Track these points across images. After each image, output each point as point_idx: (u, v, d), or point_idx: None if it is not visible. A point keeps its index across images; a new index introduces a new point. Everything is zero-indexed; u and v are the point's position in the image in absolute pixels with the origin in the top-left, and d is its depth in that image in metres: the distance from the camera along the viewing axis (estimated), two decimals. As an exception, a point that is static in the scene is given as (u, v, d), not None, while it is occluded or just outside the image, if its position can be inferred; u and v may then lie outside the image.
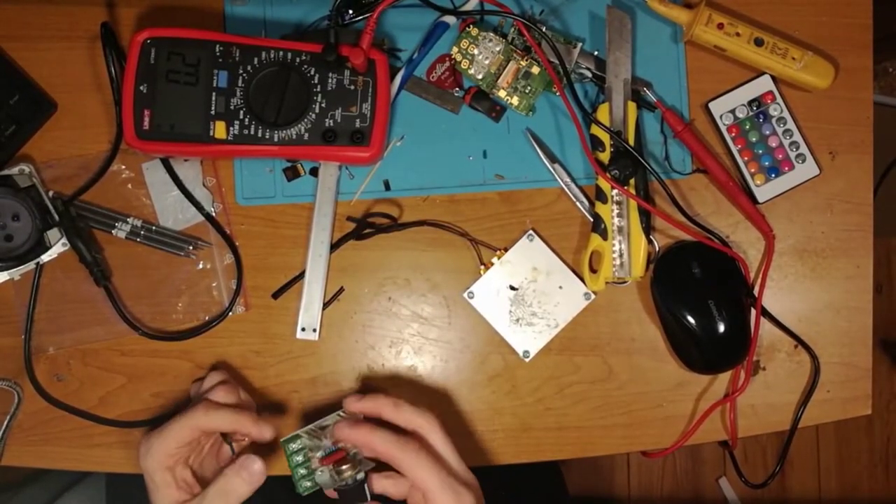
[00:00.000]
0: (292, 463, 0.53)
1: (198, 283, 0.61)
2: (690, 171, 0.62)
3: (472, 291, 0.61)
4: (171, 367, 0.61)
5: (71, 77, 0.61)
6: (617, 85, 0.59)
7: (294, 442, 0.53)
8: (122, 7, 0.61)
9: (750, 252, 0.62)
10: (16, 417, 0.60)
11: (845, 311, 0.62)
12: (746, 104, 0.61)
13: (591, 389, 0.61)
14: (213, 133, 0.55)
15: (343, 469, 0.51)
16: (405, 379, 0.61)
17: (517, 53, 0.60)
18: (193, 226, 0.61)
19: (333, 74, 0.56)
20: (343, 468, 0.51)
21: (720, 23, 0.58)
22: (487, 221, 0.61)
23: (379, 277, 0.61)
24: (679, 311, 0.59)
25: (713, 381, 0.62)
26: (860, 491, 1.49)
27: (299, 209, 0.61)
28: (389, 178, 0.61)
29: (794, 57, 0.59)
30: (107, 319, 0.60)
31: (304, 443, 0.53)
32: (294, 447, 0.53)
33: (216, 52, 0.55)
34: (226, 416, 0.53)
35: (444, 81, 0.61)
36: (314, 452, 0.53)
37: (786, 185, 0.61)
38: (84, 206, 0.60)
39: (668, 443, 0.62)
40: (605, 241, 0.59)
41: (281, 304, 0.61)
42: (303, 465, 0.53)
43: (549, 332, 0.60)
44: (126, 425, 0.60)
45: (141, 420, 0.60)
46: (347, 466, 0.51)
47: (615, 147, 0.58)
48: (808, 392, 0.62)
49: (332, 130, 0.56)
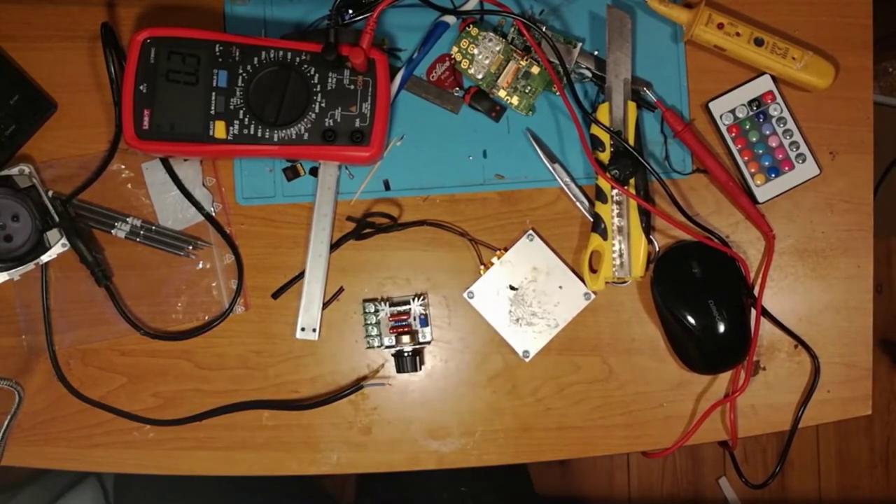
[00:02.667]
0: (366, 320, 0.60)
1: (198, 283, 0.61)
2: (690, 171, 0.62)
3: (472, 291, 0.61)
4: (171, 366, 0.61)
5: (71, 77, 0.61)
6: (617, 85, 0.59)
7: (372, 304, 0.60)
8: (122, 7, 0.61)
9: (750, 252, 0.62)
10: (16, 417, 0.60)
11: (845, 311, 0.62)
12: (746, 104, 0.61)
13: (591, 389, 0.61)
14: (213, 133, 0.55)
15: (403, 339, 0.59)
16: (405, 379, 0.61)
17: (517, 53, 0.60)
18: (193, 226, 0.61)
19: (333, 74, 0.56)
20: (404, 338, 0.60)
21: (720, 23, 0.58)
22: (487, 221, 0.61)
23: (379, 277, 0.61)
24: (679, 311, 0.59)
25: (713, 381, 0.62)
26: (860, 491, 1.49)
27: (299, 209, 0.61)
28: (389, 178, 0.61)
29: (794, 57, 0.59)
30: (107, 319, 0.60)
31: (378, 307, 0.60)
32: (371, 308, 0.60)
33: (216, 52, 0.55)
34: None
35: (444, 81, 0.61)
36: (384, 321, 0.60)
37: (786, 185, 0.61)
38: (83, 205, 0.60)
39: (668, 443, 0.62)
40: (605, 241, 0.59)
41: (281, 304, 0.61)
42: (374, 325, 0.60)
43: (549, 332, 0.60)
44: (168, 423, 0.60)
45: (181, 418, 0.60)
46: (408, 338, 0.59)
47: (615, 147, 0.58)
48: (809, 392, 0.62)
49: (332, 130, 0.56)
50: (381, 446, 0.61)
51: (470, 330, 0.61)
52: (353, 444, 0.61)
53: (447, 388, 0.61)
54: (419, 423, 0.61)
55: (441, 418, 0.61)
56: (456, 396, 0.61)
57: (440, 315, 0.61)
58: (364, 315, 0.60)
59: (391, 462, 0.61)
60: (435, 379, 0.61)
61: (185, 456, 0.61)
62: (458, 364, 0.61)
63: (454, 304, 0.61)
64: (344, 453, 0.61)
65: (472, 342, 0.61)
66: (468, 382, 0.61)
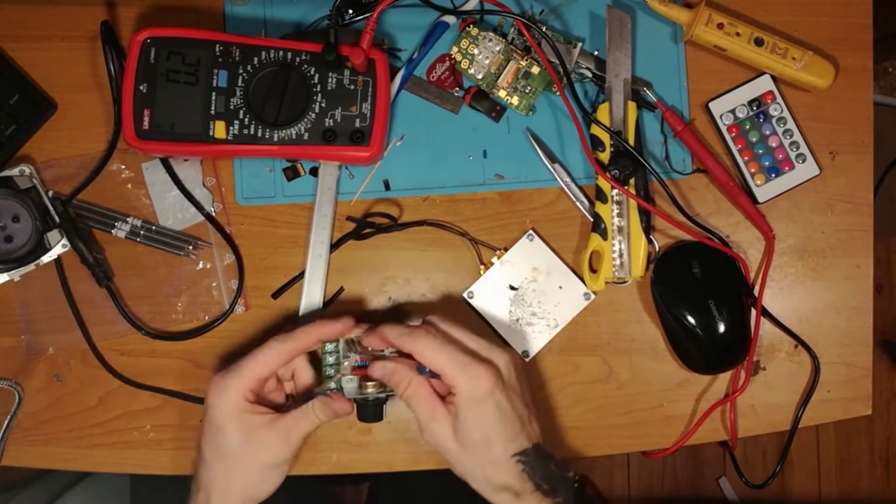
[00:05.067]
0: (324, 362, 0.56)
1: (198, 283, 0.61)
2: (690, 171, 0.62)
3: (471, 291, 0.61)
4: (171, 367, 0.61)
5: (71, 77, 0.61)
6: (617, 85, 0.59)
7: (330, 343, 0.55)
8: (122, 7, 0.61)
9: (750, 252, 0.62)
10: (16, 417, 0.60)
11: (845, 311, 0.62)
12: (746, 104, 0.61)
13: (591, 389, 0.61)
14: (213, 133, 0.55)
15: (368, 384, 0.53)
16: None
17: (517, 53, 0.60)
18: (193, 226, 0.61)
19: (333, 74, 0.56)
20: (369, 383, 0.53)
21: (720, 23, 0.58)
22: (487, 221, 0.61)
23: (379, 277, 0.61)
24: (679, 311, 0.59)
25: (713, 381, 0.62)
26: (860, 491, 1.49)
27: (299, 209, 0.61)
28: (389, 178, 0.61)
29: (794, 57, 0.59)
30: (107, 319, 0.60)
31: (339, 346, 0.55)
32: (329, 348, 0.55)
33: (216, 52, 0.55)
34: (305, 328, 0.54)
35: (444, 81, 0.61)
36: (345, 360, 0.55)
37: (786, 185, 0.61)
38: (84, 205, 0.60)
39: (668, 443, 0.62)
40: (605, 240, 0.59)
41: (281, 304, 0.61)
42: (332, 366, 0.55)
43: (548, 332, 0.60)
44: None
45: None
46: (373, 384, 0.53)
47: (615, 147, 0.58)
48: (809, 392, 0.62)
49: (332, 130, 0.56)
50: (381, 446, 0.61)
51: (470, 330, 0.61)
52: (353, 444, 0.61)
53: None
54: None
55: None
56: (456, 396, 0.61)
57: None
58: (322, 356, 0.56)
59: (391, 462, 0.61)
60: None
61: (185, 456, 0.61)
62: (458, 364, 0.61)
63: (454, 304, 0.61)
64: (344, 453, 0.61)
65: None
66: (468, 382, 0.61)
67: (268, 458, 0.53)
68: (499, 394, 0.50)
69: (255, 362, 0.53)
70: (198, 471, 0.54)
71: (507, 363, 0.52)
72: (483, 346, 0.52)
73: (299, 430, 0.54)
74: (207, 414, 0.53)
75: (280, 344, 0.53)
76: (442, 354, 0.50)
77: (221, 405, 0.52)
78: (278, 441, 0.53)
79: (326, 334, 0.54)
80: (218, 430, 0.52)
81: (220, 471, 0.53)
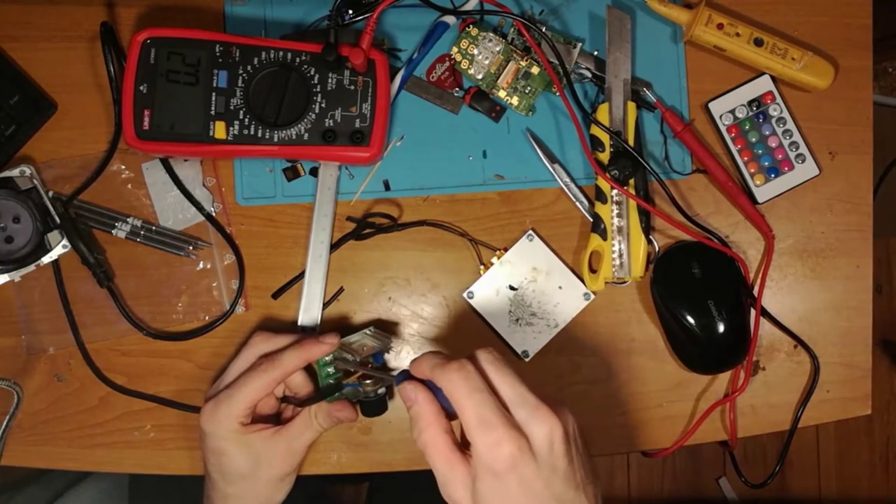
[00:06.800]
0: (322, 373, 0.55)
1: (198, 283, 0.61)
2: (690, 171, 0.62)
3: (471, 291, 0.61)
4: (171, 367, 0.61)
5: (71, 77, 0.61)
6: (617, 85, 0.59)
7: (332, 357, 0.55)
8: (122, 7, 0.61)
9: (750, 252, 0.62)
10: (15, 417, 0.60)
11: (845, 311, 0.62)
12: (746, 104, 0.61)
13: (591, 389, 0.61)
14: (213, 133, 0.55)
15: (367, 383, 0.54)
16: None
17: (517, 53, 0.60)
18: (193, 226, 0.61)
19: (333, 74, 0.56)
20: (367, 382, 0.54)
21: (720, 23, 0.58)
22: (487, 221, 0.61)
23: (379, 277, 0.61)
24: (679, 311, 0.59)
25: (713, 381, 0.62)
26: (860, 491, 1.49)
27: (299, 209, 0.61)
28: (389, 178, 0.61)
29: (794, 57, 0.59)
30: (107, 319, 0.60)
31: (334, 354, 0.55)
32: (325, 358, 0.55)
33: (216, 52, 0.55)
34: (292, 353, 0.53)
35: (444, 81, 0.61)
36: (343, 364, 0.55)
37: (786, 186, 0.61)
38: (84, 206, 0.60)
39: (668, 443, 0.62)
40: (605, 241, 0.59)
41: (281, 304, 0.61)
42: (332, 375, 0.55)
43: (548, 333, 0.60)
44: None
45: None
46: (371, 381, 0.54)
47: (615, 147, 0.58)
48: (808, 392, 0.62)
49: (332, 130, 0.56)
50: (381, 446, 0.61)
51: (470, 330, 0.61)
52: (353, 444, 0.61)
53: (447, 388, 0.61)
54: (419, 423, 0.61)
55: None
56: (456, 396, 0.61)
57: (440, 315, 0.61)
58: (320, 368, 0.55)
59: (391, 462, 0.61)
60: (435, 379, 0.61)
61: (185, 456, 0.61)
62: (458, 364, 0.61)
63: (454, 304, 0.61)
64: (344, 453, 0.61)
65: (472, 342, 0.61)
66: (468, 382, 0.61)
67: (275, 472, 0.54)
68: (527, 471, 0.39)
69: (244, 392, 0.52)
70: (209, 493, 0.55)
71: (549, 433, 0.40)
72: (528, 403, 0.41)
73: (302, 440, 0.55)
74: (207, 441, 0.53)
75: (267, 372, 0.53)
76: (468, 401, 0.40)
77: (219, 432, 0.52)
78: (283, 455, 0.54)
79: (314, 356, 0.54)
80: (221, 454, 0.53)
81: (232, 492, 0.53)
